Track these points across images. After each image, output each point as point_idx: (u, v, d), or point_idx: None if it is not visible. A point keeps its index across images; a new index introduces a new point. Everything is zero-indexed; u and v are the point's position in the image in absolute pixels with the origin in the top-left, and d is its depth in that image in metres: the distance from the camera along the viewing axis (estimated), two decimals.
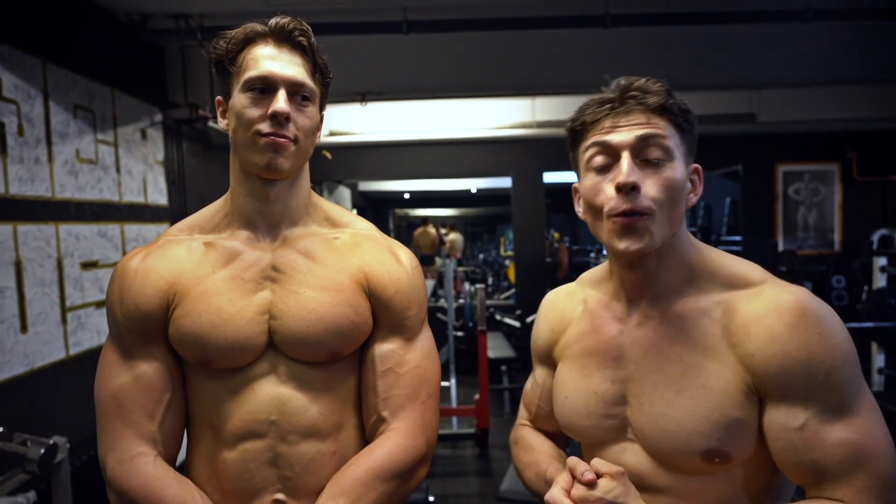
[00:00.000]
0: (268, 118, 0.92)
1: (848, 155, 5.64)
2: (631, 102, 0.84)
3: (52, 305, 2.49)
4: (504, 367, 5.08)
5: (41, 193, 2.44)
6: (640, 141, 0.83)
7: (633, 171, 0.82)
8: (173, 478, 0.94)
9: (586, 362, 0.94)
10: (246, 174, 0.99)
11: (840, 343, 0.78)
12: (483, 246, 14.91)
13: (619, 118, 0.85)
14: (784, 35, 3.48)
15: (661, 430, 0.84)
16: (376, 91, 3.65)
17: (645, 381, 0.87)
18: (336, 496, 0.93)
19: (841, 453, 0.76)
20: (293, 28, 0.95)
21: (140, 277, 0.97)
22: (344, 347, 0.99)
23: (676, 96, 0.86)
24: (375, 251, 1.05)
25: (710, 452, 0.80)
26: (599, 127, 0.86)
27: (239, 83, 0.94)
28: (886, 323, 4.07)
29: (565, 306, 1.05)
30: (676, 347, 0.86)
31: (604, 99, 0.87)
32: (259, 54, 0.94)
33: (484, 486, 3.49)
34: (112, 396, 0.95)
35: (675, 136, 0.85)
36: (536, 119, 5.23)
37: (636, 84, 0.86)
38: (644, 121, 0.84)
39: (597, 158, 0.86)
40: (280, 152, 0.93)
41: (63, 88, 2.60)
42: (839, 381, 0.77)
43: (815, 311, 0.79)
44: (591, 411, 0.92)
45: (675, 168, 0.84)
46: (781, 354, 0.78)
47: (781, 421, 0.79)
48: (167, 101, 3.55)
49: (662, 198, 0.83)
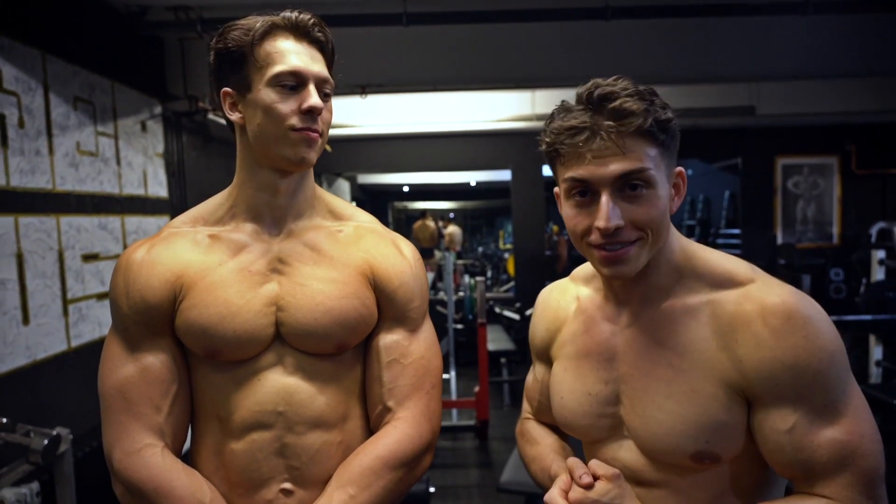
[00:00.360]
0: (301, 113, 0.93)
1: (847, 148, 5.64)
2: (603, 134, 0.79)
3: (54, 297, 2.50)
4: (504, 360, 5.10)
5: (42, 185, 2.44)
6: (619, 178, 0.80)
7: (613, 211, 0.80)
8: (181, 469, 0.94)
9: (580, 363, 0.95)
10: (258, 167, 0.99)
11: (827, 343, 0.78)
12: (482, 239, 14.91)
13: (595, 148, 0.80)
14: (784, 28, 3.47)
15: (651, 432, 0.86)
16: (376, 83, 3.64)
17: (636, 383, 0.89)
18: (344, 484, 0.94)
19: (829, 453, 0.77)
20: (313, 23, 0.96)
21: (146, 270, 0.97)
22: (350, 339, 1.00)
23: (655, 101, 0.81)
24: (379, 244, 1.06)
25: (700, 454, 0.82)
26: (575, 159, 0.82)
27: (264, 77, 0.94)
28: (884, 315, 4.09)
29: (559, 304, 1.05)
30: (665, 351, 0.87)
31: (575, 128, 0.81)
32: (283, 48, 0.94)
33: (484, 478, 3.51)
34: (118, 388, 0.95)
35: (655, 156, 0.81)
36: (536, 112, 5.23)
37: (610, 106, 0.79)
38: (620, 152, 0.79)
39: (575, 191, 0.84)
40: (312, 146, 0.96)
41: (63, 80, 2.60)
42: (826, 382, 0.78)
43: (800, 312, 0.78)
44: (586, 411, 0.93)
45: (657, 194, 0.82)
46: (769, 360, 0.78)
47: (770, 424, 0.80)
48: (167, 94, 3.55)
49: (646, 224, 0.82)
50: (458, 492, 3.35)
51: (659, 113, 0.80)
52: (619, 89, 0.80)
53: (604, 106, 0.80)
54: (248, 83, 0.95)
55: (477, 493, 3.33)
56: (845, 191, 5.74)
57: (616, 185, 0.80)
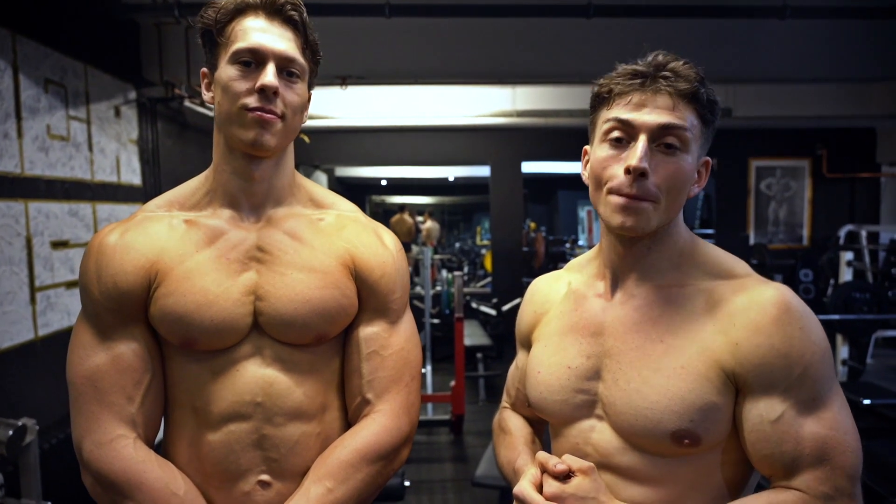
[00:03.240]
0: (255, 92, 0.90)
1: (819, 152, 5.77)
2: (661, 83, 0.83)
3: (21, 285, 2.43)
4: (480, 355, 5.12)
5: (10, 170, 2.36)
6: (661, 128, 0.83)
7: (645, 156, 0.82)
8: (154, 460, 0.92)
9: (563, 338, 0.95)
10: (231, 150, 0.96)
11: (819, 340, 0.81)
12: (459, 234, 14.93)
13: (646, 96, 0.83)
14: (762, 31, 3.53)
15: (633, 406, 0.85)
16: (357, 75, 3.61)
17: (623, 357, 0.88)
18: (322, 478, 0.93)
19: (811, 446, 0.78)
20: (285, 2, 0.93)
21: (119, 254, 0.94)
22: (330, 330, 0.99)
23: (708, 85, 0.85)
24: (361, 234, 1.04)
25: (681, 433, 0.81)
26: (625, 100, 0.85)
27: (227, 55, 0.92)
28: (851, 315, 4.20)
29: (550, 288, 1.06)
30: (659, 328, 0.87)
31: (636, 71, 0.85)
32: (249, 26, 0.92)
33: (458, 472, 3.52)
34: (88, 378, 0.92)
35: (696, 126, 0.85)
36: (517, 108, 5.23)
37: (671, 65, 0.84)
38: (670, 106, 0.83)
39: (614, 132, 0.86)
40: (267, 128, 0.91)
41: (34, 62, 2.52)
42: (815, 376, 0.80)
43: (796, 307, 0.81)
44: (563, 385, 0.93)
45: (686, 159, 0.85)
46: (766, 346, 0.80)
47: (758, 413, 0.80)
48: (142, 79, 3.46)
49: (668, 186, 0.84)
50: (433, 486, 3.35)
51: (710, 91, 0.86)
52: (679, 59, 0.86)
53: (663, 65, 0.84)
54: (217, 61, 0.94)
55: (452, 488, 3.34)
56: (816, 193, 5.87)
57: (655, 136, 0.83)
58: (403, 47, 3.60)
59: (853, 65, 3.68)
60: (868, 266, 5.33)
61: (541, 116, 5.17)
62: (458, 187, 12.59)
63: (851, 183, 5.87)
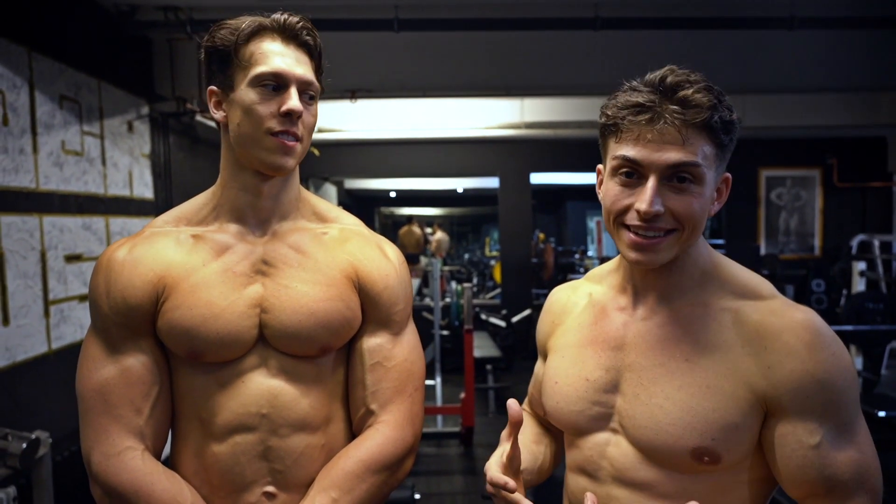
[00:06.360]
0: (280, 115, 0.92)
1: (829, 161, 5.74)
2: (669, 119, 0.78)
3: (35, 298, 2.47)
4: (489, 367, 5.10)
5: (25, 184, 2.41)
6: (671, 167, 0.79)
7: (656, 198, 0.80)
8: (162, 472, 0.93)
9: (582, 350, 0.95)
10: (241, 168, 0.98)
11: (849, 365, 0.81)
12: (468, 246, 14.92)
13: (654, 132, 0.79)
14: (770, 42, 3.53)
15: (655, 421, 0.84)
16: (366, 88, 3.64)
17: (645, 373, 0.87)
18: (327, 488, 0.94)
19: (850, 471, 0.79)
20: (302, 26, 0.95)
21: (128, 269, 0.96)
22: (334, 342, 1.00)
23: (723, 100, 0.80)
24: (364, 247, 1.05)
25: (701, 450, 0.81)
26: (632, 135, 0.81)
27: (247, 77, 0.93)
28: (864, 326, 4.15)
29: (568, 299, 1.05)
30: (684, 346, 0.86)
31: (641, 106, 0.80)
32: (268, 49, 0.93)
33: (469, 485, 3.50)
34: (97, 390, 0.93)
35: (710, 155, 0.81)
36: (525, 120, 5.25)
37: (680, 93, 0.78)
38: (679, 141, 0.78)
39: (623, 169, 0.83)
40: (289, 154, 0.94)
41: (49, 78, 2.57)
42: (847, 400, 0.80)
43: (826, 332, 0.81)
44: (580, 396, 0.92)
45: (702, 192, 0.81)
46: (800, 371, 0.79)
47: (798, 438, 0.80)
48: (154, 94, 3.52)
49: (685, 217, 0.81)
50: (443, 499, 3.34)
51: (725, 113, 0.80)
52: (691, 80, 0.80)
53: (674, 92, 0.79)
54: (232, 82, 0.95)
55: (461, 501, 3.32)
56: (827, 203, 5.83)
57: (666, 174, 0.80)
58: (412, 61, 3.63)
59: (862, 74, 3.67)
60: (881, 276, 5.27)
61: (549, 128, 5.19)
62: (466, 199, 12.59)
63: (863, 192, 5.83)
